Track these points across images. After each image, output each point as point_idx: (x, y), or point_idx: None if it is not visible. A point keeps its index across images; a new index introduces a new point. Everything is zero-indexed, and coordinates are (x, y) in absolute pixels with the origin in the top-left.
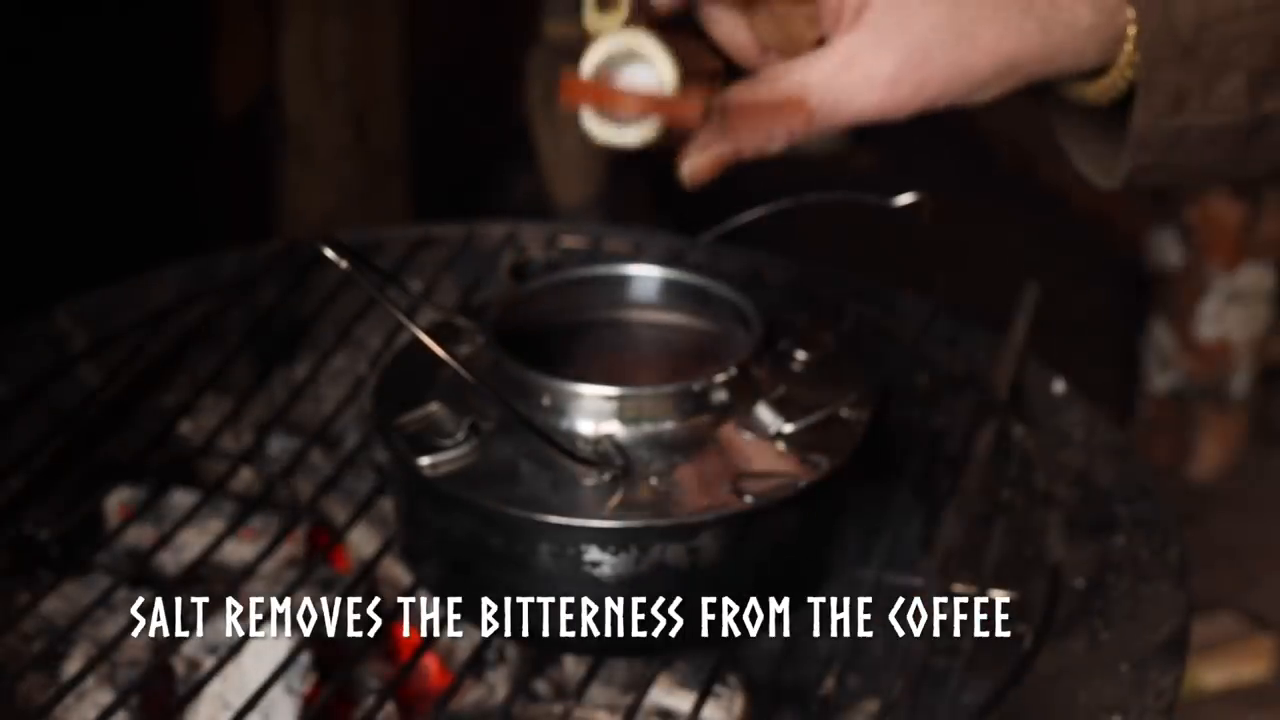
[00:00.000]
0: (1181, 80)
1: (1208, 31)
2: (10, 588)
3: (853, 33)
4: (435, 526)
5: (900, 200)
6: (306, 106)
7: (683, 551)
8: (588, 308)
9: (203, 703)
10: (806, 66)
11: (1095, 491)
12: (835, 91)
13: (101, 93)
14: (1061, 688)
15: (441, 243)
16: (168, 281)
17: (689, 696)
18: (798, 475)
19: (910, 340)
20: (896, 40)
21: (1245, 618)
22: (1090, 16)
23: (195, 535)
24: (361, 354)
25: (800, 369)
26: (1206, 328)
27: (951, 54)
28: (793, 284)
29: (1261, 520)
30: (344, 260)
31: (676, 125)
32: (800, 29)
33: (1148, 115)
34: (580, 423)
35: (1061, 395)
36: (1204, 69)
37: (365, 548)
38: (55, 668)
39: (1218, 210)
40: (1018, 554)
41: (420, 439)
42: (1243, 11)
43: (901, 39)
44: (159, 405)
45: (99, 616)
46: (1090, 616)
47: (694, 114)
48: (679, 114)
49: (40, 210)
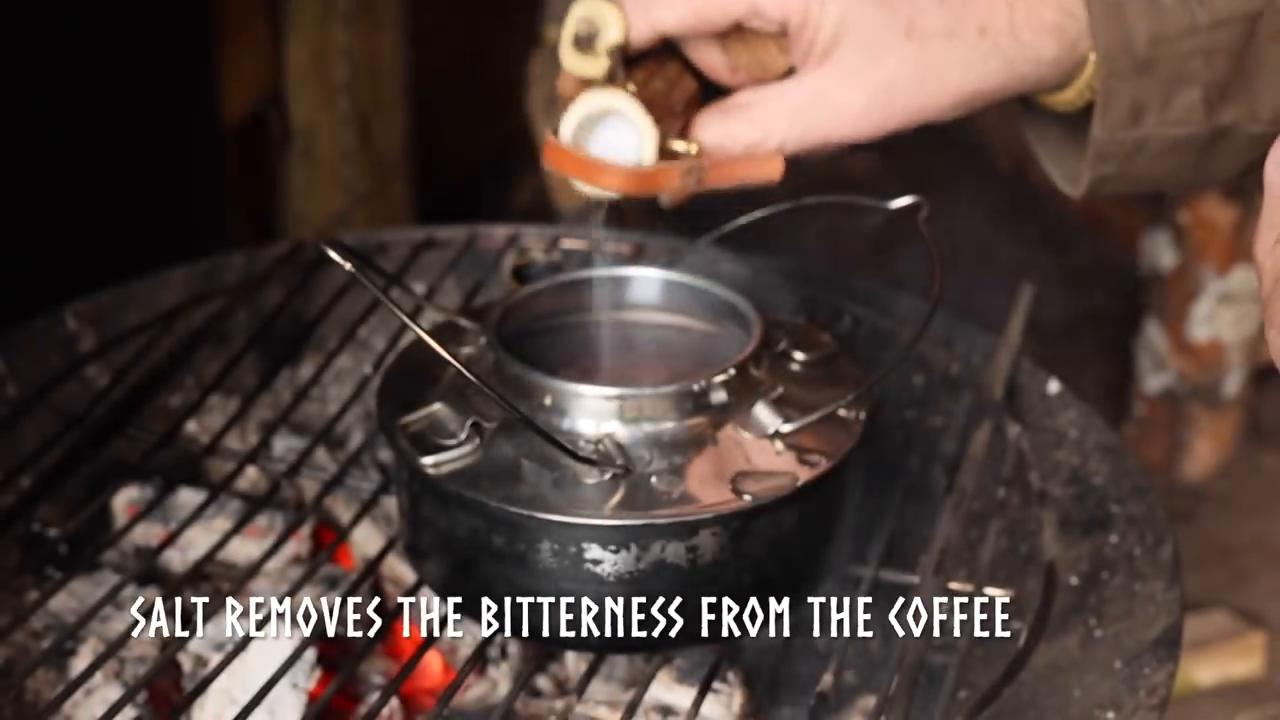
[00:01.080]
0: (1139, 94)
1: (1163, 47)
2: (19, 585)
3: (822, 69)
4: (438, 525)
5: (897, 203)
6: (311, 110)
7: (682, 549)
8: (588, 309)
9: (209, 698)
10: (779, 97)
11: (1089, 490)
12: (806, 122)
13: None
14: (1056, 684)
15: (444, 245)
16: (174, 283)
17: (689, 693)
18: (796, 474)
19: (907, 341)
20: (863, 79)
21: (1237, 615)
22: (1053, 49)
23: (202, 534)
24: (365, 355)
25: (798, 369)
26: (1199, 329)
27: (916, 92)
28: (791, 285)
29: (1253, 519)
30: (348, 262)
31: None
32: (773, 56)
33: (1106, 128)
34: (581, 422)
35: (1056, 395)
36: (1161, 83)
37: (369, 546)
38: (64, 664)
39: (1210, 213)
40: (1013, 552)
41: (423, 439)
42: (1197, 28)
43: (868, 78)
44: (166, 405)
45: (107, 614)
46: (1084, 614)
47: (671, 185)
48: (658, 186)
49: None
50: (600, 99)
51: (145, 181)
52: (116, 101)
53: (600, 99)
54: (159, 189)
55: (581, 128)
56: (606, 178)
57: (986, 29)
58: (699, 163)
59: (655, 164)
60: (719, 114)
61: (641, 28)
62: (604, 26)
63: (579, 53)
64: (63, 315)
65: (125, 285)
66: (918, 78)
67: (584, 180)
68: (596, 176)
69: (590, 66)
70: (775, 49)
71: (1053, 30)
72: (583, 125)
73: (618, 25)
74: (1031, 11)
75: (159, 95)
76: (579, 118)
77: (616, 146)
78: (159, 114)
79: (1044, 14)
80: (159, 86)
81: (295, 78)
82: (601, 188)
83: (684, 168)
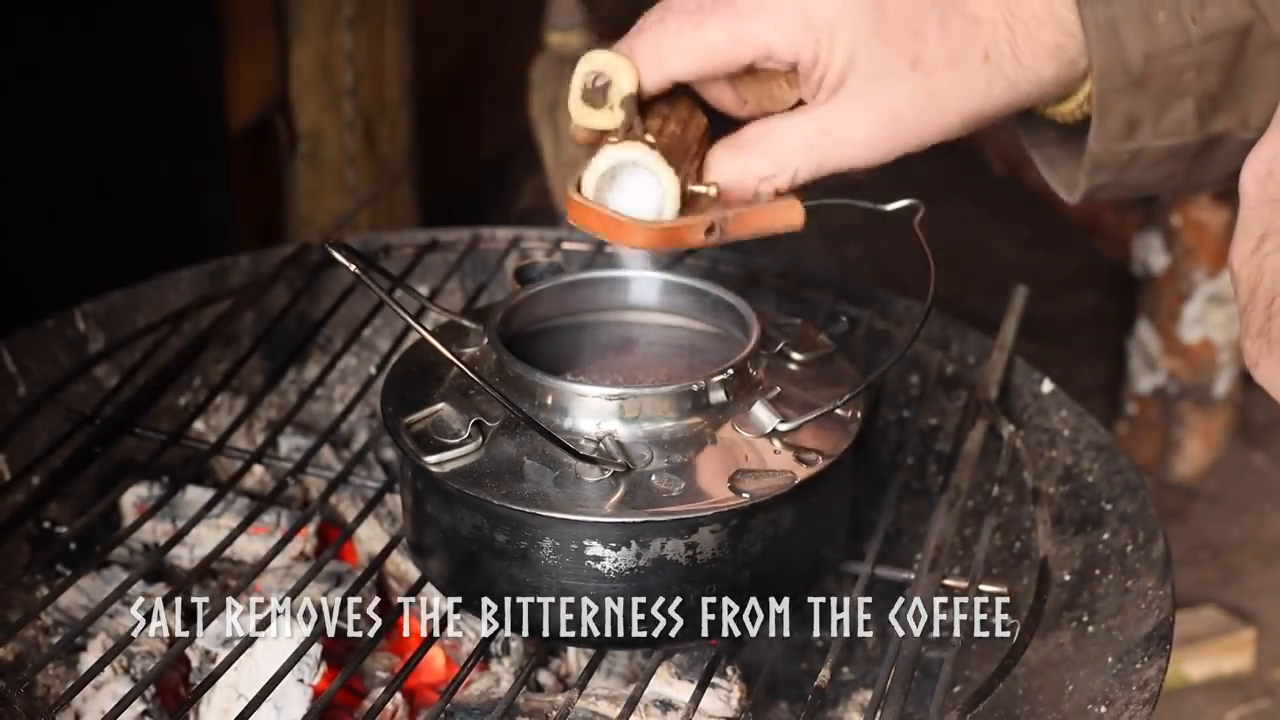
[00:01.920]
0: (1133, 109)
1: (1157, 62)
2: (30, 582)
3: (830, 103)
4: (441, 522)
5: (893, 205)
6: (316, 115)
7: (682, 547)
8: (589, 310)
9: (216, 693)
10: (790, 130)
11: (1082, 488)
12: (817, 153)
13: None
14: (1049, 679)
15: (448, 247)
16: (182, 285)
17: (688, 687)
18: (794, 472)
19: (903, 341)
20: (871, 110)
21: (1227, 612)
22: (1053, 69)
23: (209, 531)
24: (370, 355)
25: (796, 369)
26: (1190, 329)
27: (922, 119)
28: (789, 286)
29: (1243, 517)
30: (353, 264)
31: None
32: (782, 89)
33: (1102, 141)
34: (582, 422)
35: (1049, 395)
36: (1155, 97)
37: (373, 543)
38: (74, 659)
39: (1201, 215)
40: (1007, 549)
41: (427, 438)
42: (1190, 43)
43: (876, 110)
44: (174, 405)
45: (116, 610)
46: (1077, 610)
47: (696, 239)
48: (683, 241)
49: (58, 216)
50: (621, 154)
51: (154, 185)
52: (127, 107)
53: (621, 154)
54: (167, 192)
55: (603, 179)
56: (631, 236)
57: (989, 55)
58: (723, 215)
59: (679, 220)
60: (731, 149)
61: (655, 77)
62: (616, 79)
63: (590, 106)
64: (73, 316)
65: (134, 286)
66: (923, 106)
67: (610, 238)
68: (622, 234)
69: (603, 119)
70: (784, 83)
71: (1052, 51)
72: (604, 177)
73: (629, 78)
74: (1031, 35)
75: (168, 101)
76: (600, 173)
77: (638, 194)
78: (168, 119)
79: (1044, 36)
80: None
81: (301, 83)
82: (627, 245)
83: (706, 223)
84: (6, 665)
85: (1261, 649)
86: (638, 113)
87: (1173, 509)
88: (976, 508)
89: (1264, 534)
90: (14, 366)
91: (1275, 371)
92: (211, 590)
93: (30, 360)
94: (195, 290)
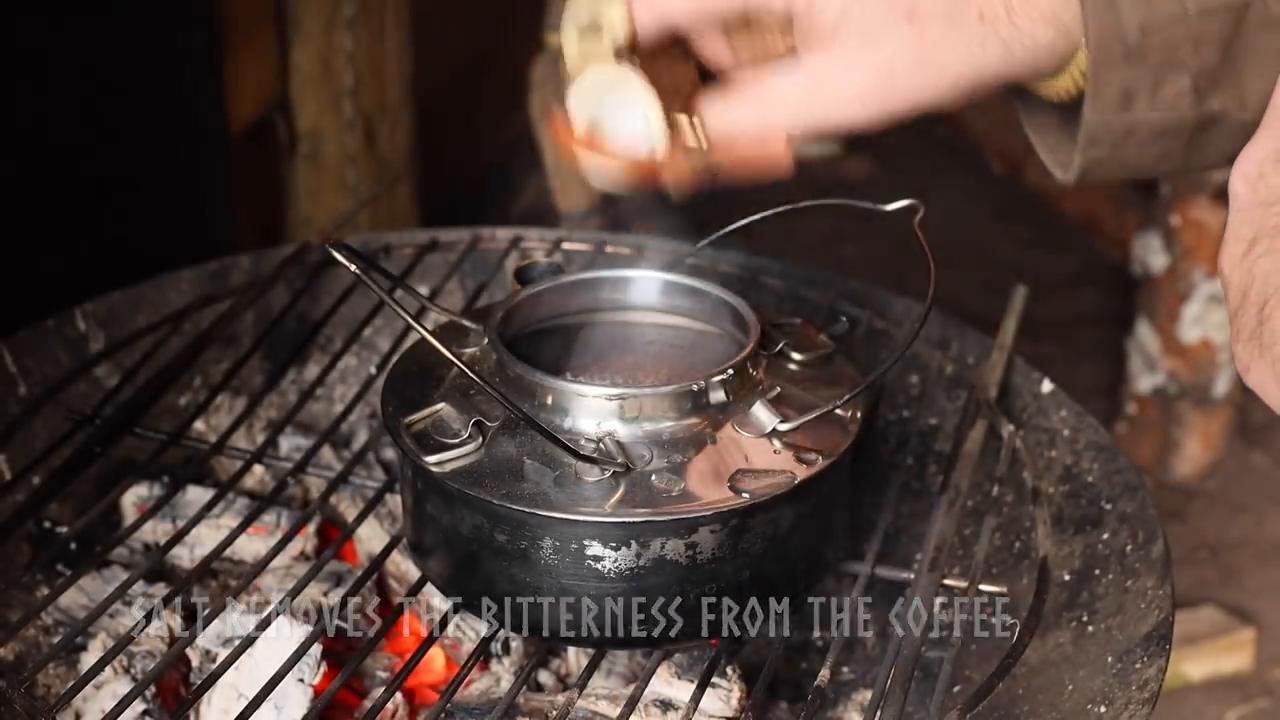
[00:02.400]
0: (1129, 80)
1: (1154, 35)
2: (30, 581)
3: (824, 53)
4: (441, 522)
5: (893, 206)
6: (316, 115)
7: (681, 546)
8: (589, 310)
9: (216, 693)
10: (781, 79)
11: (1082, 488)
12: (807, 103)
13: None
14: (1049, 678)
15: (448, 247)
16: (182, 285)
17: (688, 687)
18: (794, 472)
19: (902, 341)
20: (865, 62)
21: (1227, 611)
22: (1049, 35)
23: (209, 531)
24: (370, 355)
25: (796, 369)
26: (1189, 329)
27: (915, 77)
28: (788, 287)
29: (1243, 517)
30: (353, 264)
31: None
32: (776, 43)
33: (1097, 113)
34: (582, 422)
35: (1049, 395)
36: (1151, 70)
37: (374, 543)
38: (74, 659)
39: (1200, 215)
40: (1007, 549)
41: (427, 438)
42: (1187, 16)
43: (869, 61)
44: (174, 405)
45: (116, 609)
46: (1077, 610)
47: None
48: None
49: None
50: (606, 71)
51: (154, 185)
52: (128, 107)
53: (606, 71)
54: (168, 193)
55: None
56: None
57: (984, 14)
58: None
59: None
60: (721, 98)
61: (648, 22)
62: (609, 23)
63: (586, 39)
64: (73, 316)
65: (134, 286)
66: (917, 61)
67: (590, 153)
68: (602, 151)
69: (597, 47)
70: (778, 34)
71: (1048, 16)
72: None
73: (623, 21)
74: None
75: (169, 101)
76: (585, 87)
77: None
78: (168, 119)
79: (1039, 1)
80: (169, 93)
81: (301, 83)
82: (607, 166)
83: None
84: (7, 665)
85: (1261, 649)
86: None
87: (1172, 509)
88: (976, 508)
89: (1263, 534)
90: (14, 366)
91: (1267, 376)
92: (212, 590)
93: (30, 360)
94: (195, 290)
